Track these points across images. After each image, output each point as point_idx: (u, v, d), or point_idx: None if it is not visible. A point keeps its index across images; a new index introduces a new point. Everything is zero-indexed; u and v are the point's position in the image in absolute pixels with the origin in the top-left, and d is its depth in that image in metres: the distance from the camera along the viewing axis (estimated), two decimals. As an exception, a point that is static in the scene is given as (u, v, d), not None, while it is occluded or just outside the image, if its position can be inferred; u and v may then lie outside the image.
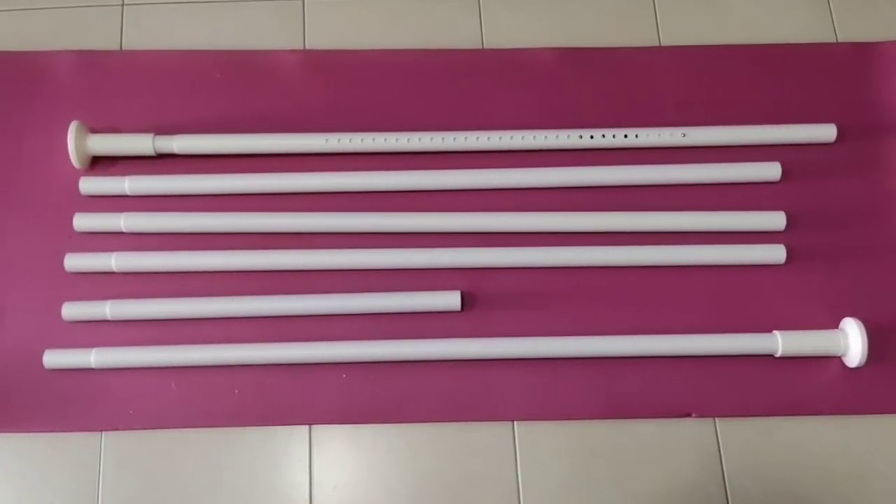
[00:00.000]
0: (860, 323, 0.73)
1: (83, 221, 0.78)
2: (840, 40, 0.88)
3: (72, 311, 0.75)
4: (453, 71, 0.85)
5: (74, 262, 0.77)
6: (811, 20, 0.89)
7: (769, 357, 0.75)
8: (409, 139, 0.79)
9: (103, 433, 0.74)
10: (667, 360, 0.75)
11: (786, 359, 0.75)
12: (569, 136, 0.80)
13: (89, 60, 0.85)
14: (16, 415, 0.74)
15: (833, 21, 0.89)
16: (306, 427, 0.74)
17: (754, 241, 0.78)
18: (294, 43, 0.87)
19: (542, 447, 0.74)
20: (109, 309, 0.75)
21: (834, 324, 0.76)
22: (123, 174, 0.79)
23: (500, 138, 0.80)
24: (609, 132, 0.80)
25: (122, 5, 0.88)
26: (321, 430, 0.75)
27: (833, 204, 0.81)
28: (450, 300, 0.75)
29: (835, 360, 0.76)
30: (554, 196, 0.80)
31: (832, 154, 0.82)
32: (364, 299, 0.76)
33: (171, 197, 0.80)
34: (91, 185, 0.79)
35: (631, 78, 0.85)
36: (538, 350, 0.74)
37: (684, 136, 0.80)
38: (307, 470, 0.73)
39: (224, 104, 0.84)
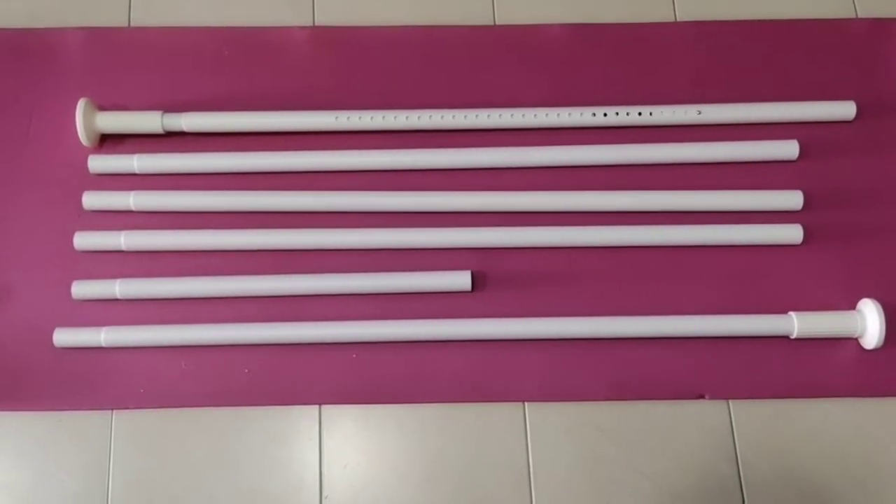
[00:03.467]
0: (878, 304, 0.72)
1: (92, 200, 0.77)
2: (860, 16, 0.86)
3: (81, 289, 0.75)
4: (465, 47, 0.84)
5: (83, 240, 0.76)
6: (831, -5, 0.87)
7: (784, 338, 0.74)
8: (419, 116, 0.78)
9: (113, 412, 0.74)
10: (680, 342, 0.74)
11: (801, 340, 0.74)
12: (581, 114, 0.79)
13: (97, 37, 0.84)
14: (26, 393, 0.74)
15: (853, -4, 0.87)
16: (316, 407, 0.74)
17: (771, 220, 0.77)
18: (303, 19, 0.86)
19: (554, 428, 0.73)
20: (119, 288, 0.74)
21: (851, 305, 0.75)
22: (132, 152, 0.79)
23: (512, 116, 0.79)
24: (623, 109, 0.79)
25: (130, -18, 0.87)
26: (331, 410, 0.74)
27: (852, 183, 0.79)
28: (460, 280, 0.75)
29: (851, 342, 0.74)
30: (566, 175, 0.79)
31: (851, 132, 0.80)
32: (374, 279, 0.75)
33: (181, 175, 0.79)
34: (100, 163, 0.78)
35: (645, 54, 0.84)
36: (550, 331, 0.74)
37: (700, 113, 0.79)
38: (317, 449, 0.73)
39: (233, 81, 0.83)
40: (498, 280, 0.76)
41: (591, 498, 0.71)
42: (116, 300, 0.75)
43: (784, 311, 0.74)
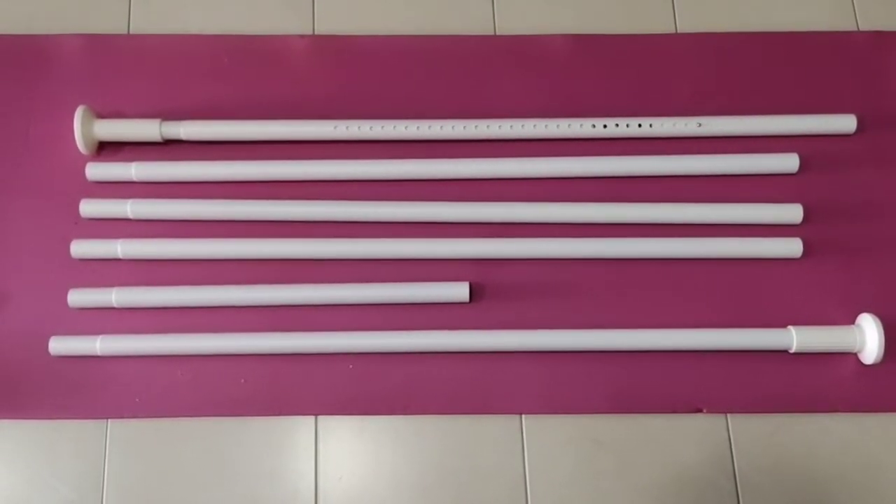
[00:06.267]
0: (877, 319, 0.72)
1: (89, 207, 0.77)
2: (862, 29, 0.86)
3: (78, 297, 0.75)
4: (465, 57, 0.84)
5: (80, 248, 0.76)
6: (832, 8, 0.87)
7: (783, 353, 0.74)
8: (418, 127, 0.78)
9: (109, 421, 0.74)
10: (679, 355, 0.74)
11: (800, 355, 0.73)
12: (581, 125, 0.79)
13: (96, 44, 0.84)
14: (21, 401, 0.73)
15: (854, 9, 0.86)
16: (312, 417, 0.74)
17: (770, 234, 0.77)
18: (303, 28, 0.86)
19: (550, 441, 0.73)
20: (115, 296, 0.74)
21: (850, 319, 0.75)
22: (130, 160, 0.78)
23: (511, 126, 0.78)
24: (623, 121, 0.79)
25: (130, -12, 0.87)
26: (327, 421, 0.74)
27: (852, 197, 0.79)
28: (458, 291, 0.74)
29: (850, 357, 0.74)
30: (565, 186, 0.79)
31: (852, 145, 0.80)
32: (372, 289, 0.75)
33: (178, 183, 0.79)
34: (97, 170, 0.78)
35: (646, 66, 0.83)
36: (547, 343, 0.73)
37: (700, 125, 0.79)
38: (313, 460, 0.73)
39: (232, 89, 0.82)
40: (496, 291, 0.76)
41: (588, 512, 0.71)
42: (113, 308, 0.75)
43: (783, 326, 0.74)
